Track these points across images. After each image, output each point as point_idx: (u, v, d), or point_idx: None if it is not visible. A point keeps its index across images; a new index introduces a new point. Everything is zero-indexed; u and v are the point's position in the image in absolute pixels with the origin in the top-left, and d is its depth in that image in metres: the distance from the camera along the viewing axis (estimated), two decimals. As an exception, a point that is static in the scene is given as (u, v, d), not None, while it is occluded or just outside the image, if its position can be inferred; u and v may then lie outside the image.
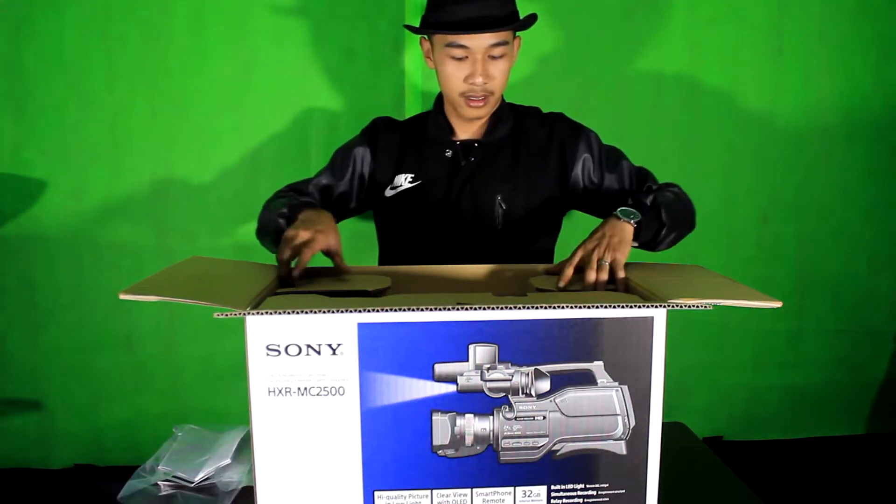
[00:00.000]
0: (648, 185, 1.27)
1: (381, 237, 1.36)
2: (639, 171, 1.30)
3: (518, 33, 1.24)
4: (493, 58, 1.18)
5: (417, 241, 1.29)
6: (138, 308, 1.77)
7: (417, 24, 1.24)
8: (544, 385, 0.73)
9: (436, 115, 1.29)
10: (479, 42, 1.16)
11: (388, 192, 1.28)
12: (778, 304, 0.74)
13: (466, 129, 1.27)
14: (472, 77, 1.17)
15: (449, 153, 1.27)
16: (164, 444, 1.03)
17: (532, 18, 1.21)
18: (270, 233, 1.13)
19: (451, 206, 1.26)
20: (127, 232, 1.77)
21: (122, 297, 0.68)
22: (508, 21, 1.17)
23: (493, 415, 0.73)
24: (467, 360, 0.72)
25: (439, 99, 1.30)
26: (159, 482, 0.93)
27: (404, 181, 1.29)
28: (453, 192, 1.25)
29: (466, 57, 1.17)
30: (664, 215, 1.11)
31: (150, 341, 1.82)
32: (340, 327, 0.70)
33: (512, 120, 1.29)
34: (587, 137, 1.28)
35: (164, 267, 0.85)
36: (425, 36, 1.24)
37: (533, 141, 1.28)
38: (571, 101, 1.83)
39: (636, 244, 1.07)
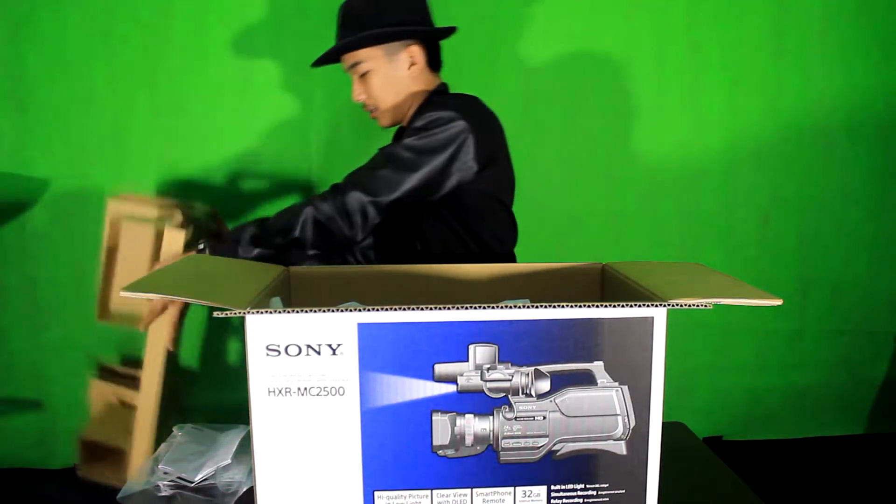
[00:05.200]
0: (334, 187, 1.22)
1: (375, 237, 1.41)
2: (357, 173, 1.22)
3: (415, 41, 1.31)
4: (363, 76, 1.33)
5: (396, 239, 1.34)
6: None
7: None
8: (544, 385, 0.73)
9: None
10: (345, 66, 1.34)
11: None
12: (778, 302, 0.73)
13: None
14: (354, 96, 1.35)
15: None
16: (164, 444, 1.03)
17: (370, 37, 1.29)
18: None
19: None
20: (128, 231, 1.77)
21: (122, 294, 0.68)
22: (341, 50, 1.32)
23: (493, 415, 0.73)
24: (467, 361, 0.72)
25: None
26: (159, 482, 0.93)
27: None
28: None
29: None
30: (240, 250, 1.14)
31: (150, 341, 1.82)
32: (340, 327, 0.70)
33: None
34: (420, 119, 1.24)
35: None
36: None
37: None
38: (570, 101, 1.84)
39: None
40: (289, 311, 0.70)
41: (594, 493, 0.76)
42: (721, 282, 0.85)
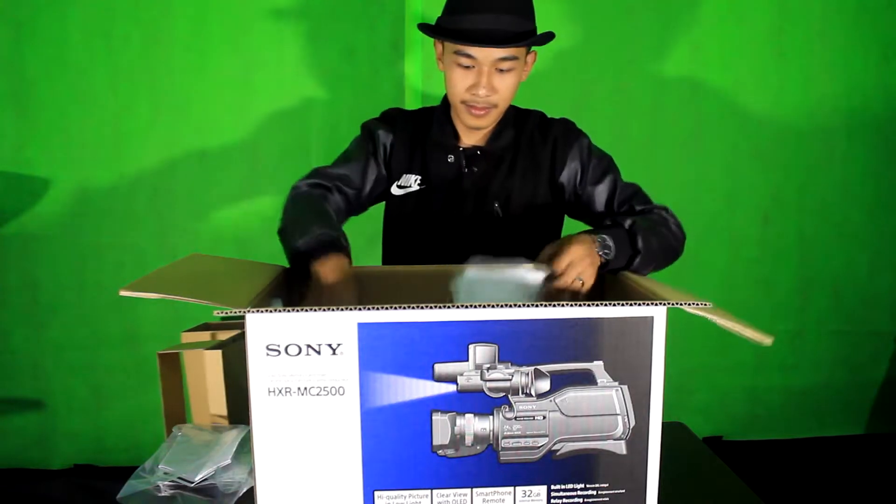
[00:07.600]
0: (631, 205, 1.22)
1: (386, 235, 1.36)
2: (626, 187, 1.25)
3: (534, 48, 1.22)
4: (501, 71, 1.17)
5: (420, 243, 1.29)
6: (141, 306, 1.77)
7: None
8: (544, 385, 0.73)
9: (441, 118, 1.28)
10: (487, 54, 1.14)
11: (396, 190, 1.28)
12: (769, 342, 0.74)
13: (470, 136, 1.26)
14: (476, 88, 1.16)
15: (451, 159, 1.25)
16: (164, 444, 1.02)
17: (548, 37, 1.19)
18: (287, 246, 1.10)
19: (452, 213, 1.26)
20: (129, 230, 1.78)
21: (122, 293, 0.68)
22: (520, 38, 1.14)
23: (493, 415, 0.73)
24: (467, 360, 0.72)
25: (445, 101, 1.27)
26: (159, 482, 0.93)
27: (413, 182, 1.29)
28: (455, 200, 1.25)
29: (473, 66, 1.16)
30: (640, 243, 1.07)
31: (152, 339, 1.82)
32: (340, 327, 0.70)
33: (514, 128, 1.27)
34: (580, 144, 1.25)
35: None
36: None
37: (531, 149, 1.27)
38: (572, 100, 1.83)
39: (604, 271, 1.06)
40: (289, 311, 0.70)
41: (594, 492, 0.76)
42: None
